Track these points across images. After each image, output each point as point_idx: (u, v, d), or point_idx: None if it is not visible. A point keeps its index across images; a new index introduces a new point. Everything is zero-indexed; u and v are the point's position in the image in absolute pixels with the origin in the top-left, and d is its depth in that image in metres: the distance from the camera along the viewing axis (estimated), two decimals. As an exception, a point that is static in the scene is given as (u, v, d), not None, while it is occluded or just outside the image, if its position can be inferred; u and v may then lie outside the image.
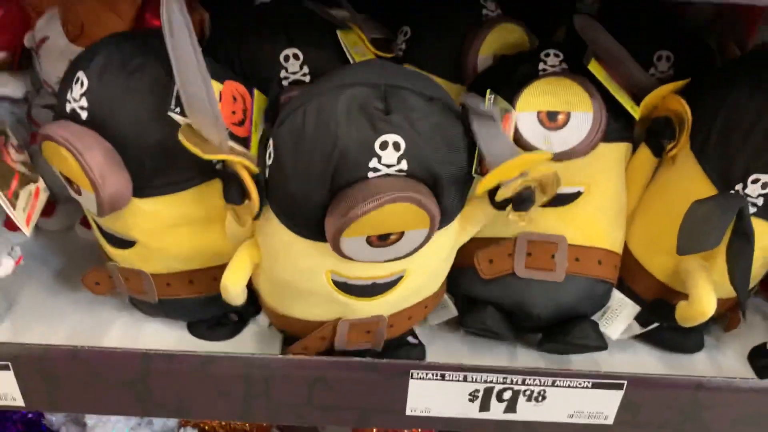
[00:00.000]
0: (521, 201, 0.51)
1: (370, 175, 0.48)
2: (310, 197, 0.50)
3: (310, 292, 0.57)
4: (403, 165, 0.48)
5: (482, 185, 0.51)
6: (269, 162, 0.52)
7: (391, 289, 0.56)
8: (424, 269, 0.57)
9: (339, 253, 0.50)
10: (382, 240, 0.49)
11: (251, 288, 0.62)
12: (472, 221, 0.58)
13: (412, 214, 0.48)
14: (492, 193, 0.53)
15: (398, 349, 0.65)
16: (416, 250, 0.52)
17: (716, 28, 0.78)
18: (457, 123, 0.51)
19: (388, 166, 0.48)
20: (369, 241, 0.49)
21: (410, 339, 0.66)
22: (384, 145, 0.48)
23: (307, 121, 0.49)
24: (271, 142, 0.52)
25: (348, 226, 0.47)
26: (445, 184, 0.50)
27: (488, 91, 0.58)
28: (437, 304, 0.65)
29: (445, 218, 0.52)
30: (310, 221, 0.51)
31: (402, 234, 0.49)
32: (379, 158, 0.48)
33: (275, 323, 0.64)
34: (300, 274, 0.56)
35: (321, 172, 0.48)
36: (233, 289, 0.58)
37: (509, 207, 0.52)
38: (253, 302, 0.64)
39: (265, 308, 0.63)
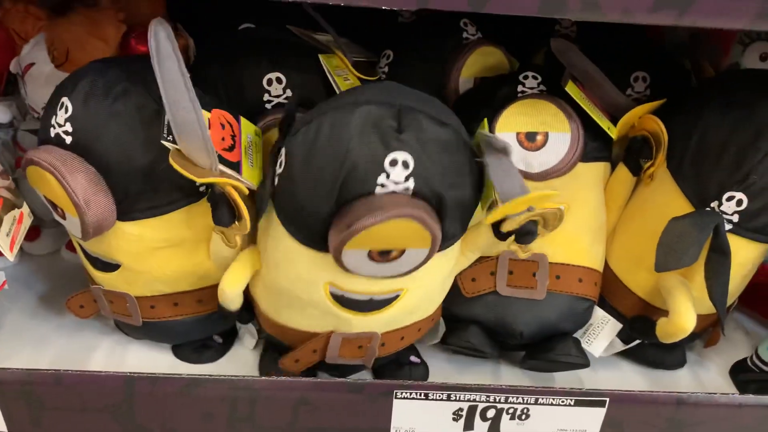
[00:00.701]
0: (524, 234, 0.52)
1: (377, 190, 0.49)
2: (317, 207, 0.50)
3: (307, 302, 0.57)
4: (410, 184, 0.49)
5: (491, 217, 0.52)
6: (279, 170, 0.53)
7: (386, 306, 0.57)
8: (421, 290, 0.57)
9: (340, 265, 0.51)
10: (383, 256, 0.50)
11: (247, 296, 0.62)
12: (473, 247, 0.59)
13: (414, 232, 0.48)
14: (496, 222, 0.54)
15: (400, 369, 0.65)
16: (416, 269, 0.52)
17: (692, 50, 0.80)
18: (466, 149, 0.52)
19: (396, 183, 0.49)
20: (370, 256, 0.50)
21: (412, 358, 0.67)
22: (394, 162, 0.48)
23: (320, 133, 0.50)
24: (283, 151, 0.53)
25: (351, 239, 0.48)
26: (449, 206, 0.51)
27: (485, 121, 0.59)
28: (430, 327, 0.65)
29: (446, 241, 0.53)
30: (315, 231, 0.51)
31: (403, 251, 0.50)
32: (388, 175, 0.48)
33: (269, 331, 0.64)
34: (299, 283, 0.56)
35: (330, 183, 0.49)
36: (230, 291, 0.58)
37: (511, 238, 0.53)
38: (248, 309, 0.64)
39: (260, 316, 0.63)
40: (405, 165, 0.48)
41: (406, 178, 0.49)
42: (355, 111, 0.49)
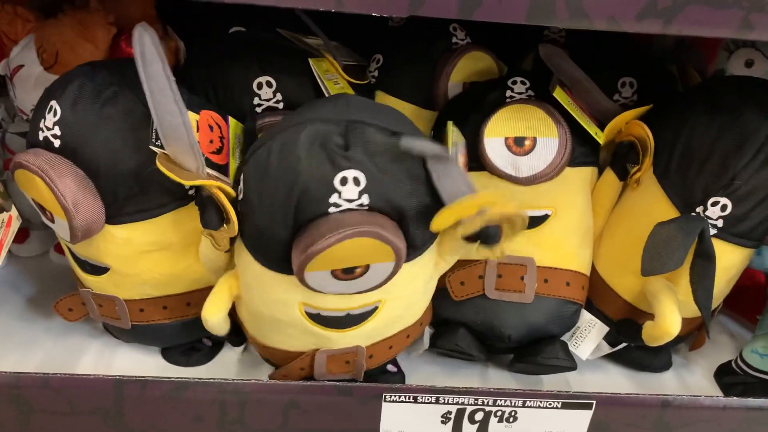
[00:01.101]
0: (487, 237, 0.51)
1: (331, 210, 0.48)
2: (276, 232, 0.50)
3: (285, 324, 0.57)
4: (365, 199, 0.49)
5: (436, 222, 0.51)
6: (240, 197, 0.53)
7: (366, 320, 0.57)
8: (400, 300, 0.57)
9: (306, 286, 0.51)
10: (347, 273, 0.50)
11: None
12: (450, 251, 0.58)
13: (374, 247, 0.48)
14: None
15: (377, 378, 0.65)
16: (386, 281, 0.52)
17: (678, 56, 0.81)
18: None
19: (350, 200, 0.48)
20: (334, 275, 0.50)
21: (389, 367, 0.67)
22: (344, 181, 0.48)
23: (270, 158, 0.50)
24: (241, 176, 0.53)
25: (310, 261, 0.48)
26: (410, 216, 0.50)
27: (450, 124, 0.59)
28: (421, 332, 0.65)
29: (415, 250, 0.53)
30: (278, 255, 0.51)
31: (368, 267, 0.50)
32: (340, 194, 0.48)
33: (260, 353, 0.64)
34: (274, 306, 0.56)
35: (284, 207, 0.49)
36: (212, 320, 0.58)
37: (478, 242, 0.53)
38: (238, 332, 0.64)
39: (248, 338, 0.63)
40: (356, 182, 0.48)
41: (360, 194, 0.48)
42: (302, 132, 0.49)
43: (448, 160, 0.50)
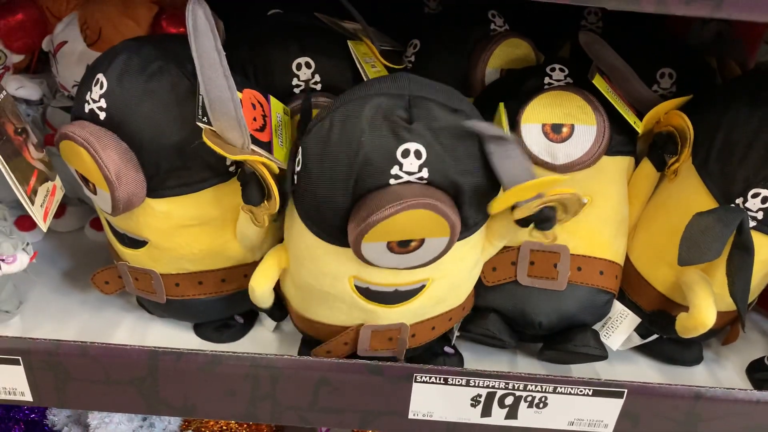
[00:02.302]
0: (542, 220, 0.52)
1: (392, 182, 0.49)
2: (334, 203, 0.51)
3: (333, 297, 0.58)
4: (424, 173, 0.49)
5: (495, 205, 0.52)
6: (298, 169, 0.53)
7: (413, 297, 0.57)
8: (447, 279, 0.58)
9: (360, 258, 0.51)
10: (402, 246, 0.50)
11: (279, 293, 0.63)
12: (498, 235, 0.59)
13: (431, 221, 0.49)
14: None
15: (434, 359, 0.65)
16: (437, 258, 0.53)
17: (718, 48, 0.80)
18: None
19: (410, 173, 0.49)
20: (389, 247, 0.50)
21: (446, 349, 0.67)
22: (406, 153, 0.49)
23: (333, 129, 0.50)
24: (300, 148, 0.53)
25: (368, 232, 0.48)
26: (466, 193, 0.51)
27: (501, 106, 0.59)
28: (462, 316, 0.65)
29: (468, 229, 0.53)
30: (334, 226, 0.52)
31: (422, 241, 0.50)
32: (401, 166, 0.49)
33: (301, 327, 0.65)
34: (324, 279, 0.57)
35: (345, 178, 0.50)
36: (259, 291, 0.59)
37: (532, 225, 0.53)
38: (281, 307, 0.65)
39: (292, 312, 0.64)
40: (417, 155, 0.49)
41: (420, 168, 0.49)
42: (365, 104, 0.50)
43: (508, 142, 0.50)
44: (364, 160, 0.49)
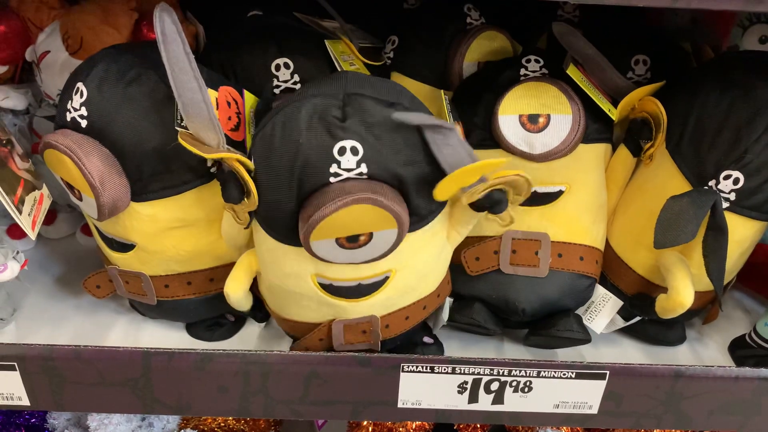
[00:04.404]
0: (492, 203, 0.53)
1: (332, 180, 0.51)
2: (283, 205, 0.52)
3: (300, 296, 0.59)
4: (363, 168, 0.51)
5: (438, 192, 0.52)
6: (252, 174, 0.54)
7: (378, 289, 0.58)
8: (412, 269, 0.59)
9: (314, 256, 0.53)
10: (351, 242, 0.52)
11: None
12: (461, 222, 0.60)
13: (374, 214, 0.50)
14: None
15: (413, 349, 0.67)
16: (391, 250, 0.54)
17: (692, 33, 0.81)
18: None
19: (348, 170, 0.51)
20: (339, 243, 0.52)
21: (425, 339, 0.68)
22: (342, 151, 0.50)
23: (274, 133, 0.52)
24: (250, 153, 0.55)
25: (313, 230, 0.50)
26: (410, 184, 0.52)
27: (442, 93, 0.60)
28: (439, 304, 0.66)
29: (421, 219, 0.54)
30: (287, 228, 0.53)
31: (371, 235, 0.52)
32: (339, 163, 0.50)
33: (281, 327, 0.66)
34: (288, 279, 0.58)
35: (288, 180, 0.51)
36: (233, 295, 0.61)
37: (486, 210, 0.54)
38: (261, 308, 0.67)
39: (270, 312, 0.65)
40: (354, 151, 0.50)
41: (358, 164, 0.50)
42: (302, 107, 0.51)
43: (445, 129, 0.51)
44: (304, 162, 0.51)
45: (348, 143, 0.50)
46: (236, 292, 0.61)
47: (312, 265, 0.56)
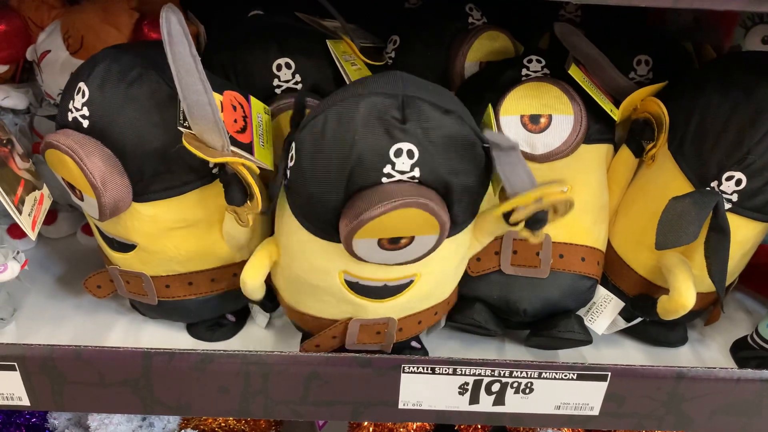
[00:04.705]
0: (535, 222, 0.53)
1: (384, 180, 0.50)
2: (327, 199, 0.52)
3: (323, 291, 0.59)
4: (416, 172, 0.50)
5: (501, 209, 0.53)
6: (291, 164, 0.54)
7: (401, 292, 0.59)
8: (435, 275, 0.59)
9: (351, 254, 0.53)
10: (393, 243, 0.52)
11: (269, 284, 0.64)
12: (485, 233, 0.60)
13: (422, 219, 0.50)
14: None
15: (401, 353, 0.66)
16: (426, 255, 0.54)
17: (694, 33, 0.81)
18: (472, 136, 0.53)
19: (402, 172, 0.50)
20: (380, 244, 0.52)
21: (413, 344, 0.68)
22: (398, 153, 0.50)
23: (327, 127, 0.51)
24: (293, 144, 0.54)
25: (360, 228, 0.50)
26: (455, 192, 0.52)
27: (490, 107, 0.60)
28: (447, 311, 0.67)
29: (456, 226, 0.55)
30: (326, 222, 0.53)
31: (412, 239, 0.52)
32: (393, 165, 0.50)
33: (291, 318, 0.66)
34: (314, 273, 0.58)
35: (337, 175, 0.51)
36: (250, 283, 0.60)
37: (522, 224, 0.54)
38: (272, 298, 0.67)
39: (283, 304, 0.65)
40: (410, 154, 0.50)
41: (412, 167, 0.50)
42: (360, 103, 0.51)
43: (512, 149, 0.51)
44: (357, 159, 0.50)
45: (405, 146, 0.50)
46: (254, 279, 0.60)
47: (342, 262, 0.56)
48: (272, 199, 0.58)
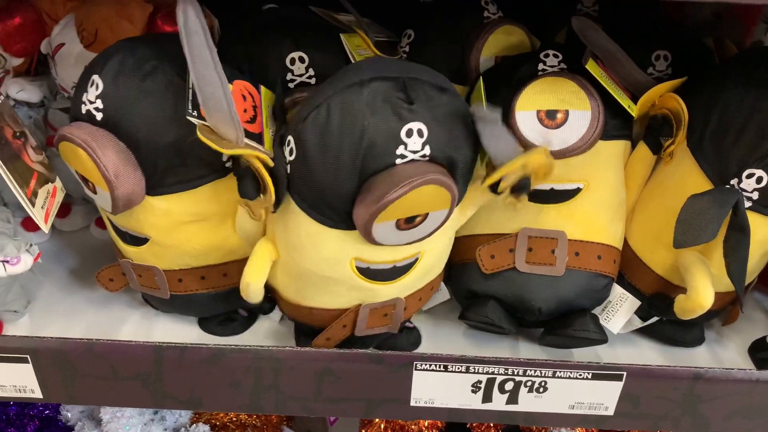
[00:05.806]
0: (519, 188, 0.55)
1: (398, 161, 0.51)
2: (339, 188, 0.52)
3: (334, 281, 0.59)
4: (427, 150, 0.51)
5: (490, 179, 0.54)
6: (291, 158, 0.54)
7: (408, 271, 0.59)
8: (435, 250, 0.60)
9: (369, 240, 0.53)
10: (408, 222, 0.53)
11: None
12: (474, 203, 0.61)
13: (437, 195, 0.51)
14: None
15: (398, 333, 0.67)
16: (436, 230, 0.55)
17: (715, 28, 0.79)
18: (467, 111, 0.54)
19: (414, 152, 0.51)
20: (397, 225, 0.52)
21: (407, 324, 0.69)
22: (410, 133, 0.51)
23: (331, 116, 0.52)
24: (291, 138, 0.54)
25: (381, 212, 0.50)
26: (459, 167, 0.54)
27: (480, 80, 0.61)
28: (439, 284, 0.68)
29: (458, 200, 0.56)
30: (339, 211, 0.54)
31: (426, 215, 0.53)
32: (406, 145, 0.51)
33: (294, 317, 0.66)
34: (325, 264, 0.58)
35: (350, 163, 0.51)
36: (255, 284, 0.60)
37: (506, 192, 0.55)
38: (269, 299, 0.66)
39: (283, 303, 0.65)
40: (420, 133, 0.51)
41: (423, 146, 0.51)
42: (363, 89, 0.51)
43: (496, 121, 0.53)
44: (369, 144, 0.51)
45: (416, 125, 0.51)
46: (257, 281, 0.60)
47: (355, 249, 0.56)
48: (281, 195, 0.57)
